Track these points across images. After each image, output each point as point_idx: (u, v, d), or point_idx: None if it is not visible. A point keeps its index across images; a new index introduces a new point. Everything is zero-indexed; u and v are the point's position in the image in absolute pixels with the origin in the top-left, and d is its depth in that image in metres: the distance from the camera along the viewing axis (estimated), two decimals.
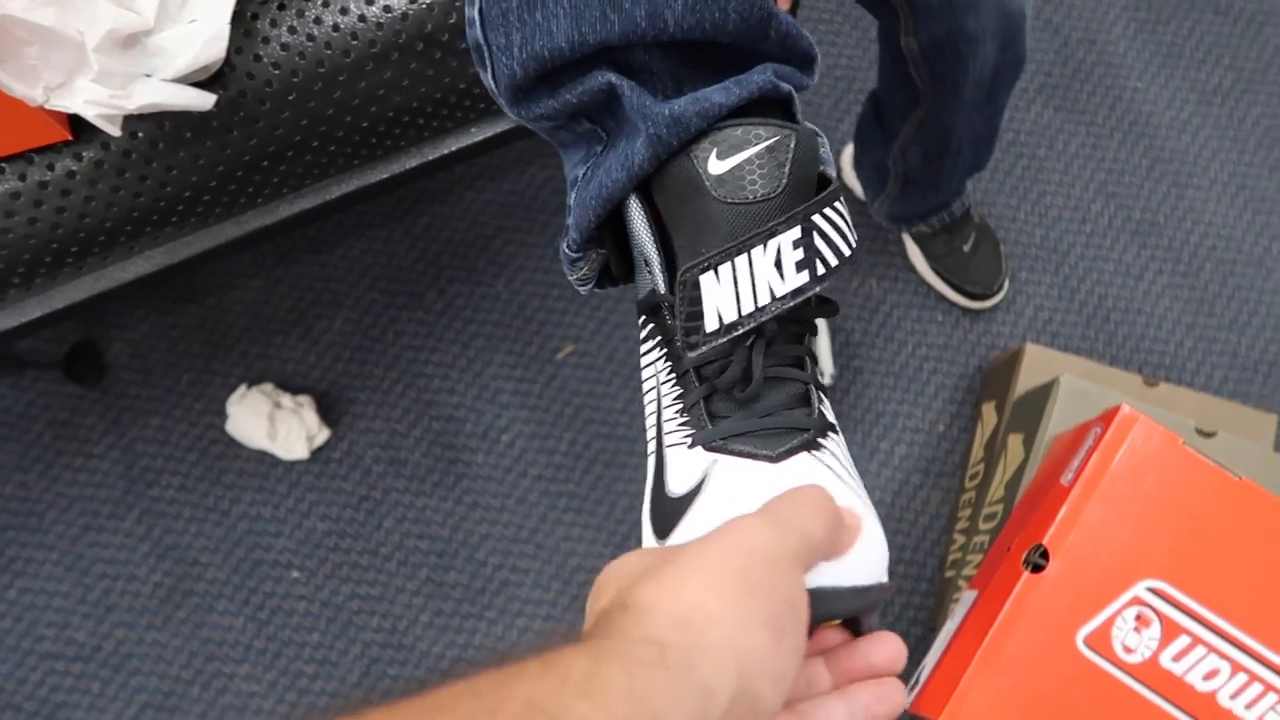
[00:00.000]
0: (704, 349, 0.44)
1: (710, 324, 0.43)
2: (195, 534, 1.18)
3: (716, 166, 0.44)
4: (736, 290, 0.43)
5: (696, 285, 0.43)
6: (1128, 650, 0.78)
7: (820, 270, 0.44)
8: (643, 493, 0.48)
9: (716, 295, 0.43)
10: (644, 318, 0.49)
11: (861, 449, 1.20)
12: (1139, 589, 0.79)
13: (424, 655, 1.14)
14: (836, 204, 0.45)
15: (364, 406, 1.22)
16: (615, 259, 0.51)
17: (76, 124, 0.74)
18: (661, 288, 0.47)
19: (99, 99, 0.69)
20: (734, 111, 0.44)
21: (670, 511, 0.45)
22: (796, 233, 0.43)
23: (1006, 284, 1.24)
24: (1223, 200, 1.29)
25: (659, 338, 0.48)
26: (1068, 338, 1.24)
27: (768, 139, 0.44)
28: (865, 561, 0.41)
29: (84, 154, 0.75)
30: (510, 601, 1.16)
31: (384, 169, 0.86)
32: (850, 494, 0.43)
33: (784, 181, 0.44)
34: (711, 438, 0.44)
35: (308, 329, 1.24)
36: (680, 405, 0.46)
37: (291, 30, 0.76)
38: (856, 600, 0.40)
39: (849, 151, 1.26)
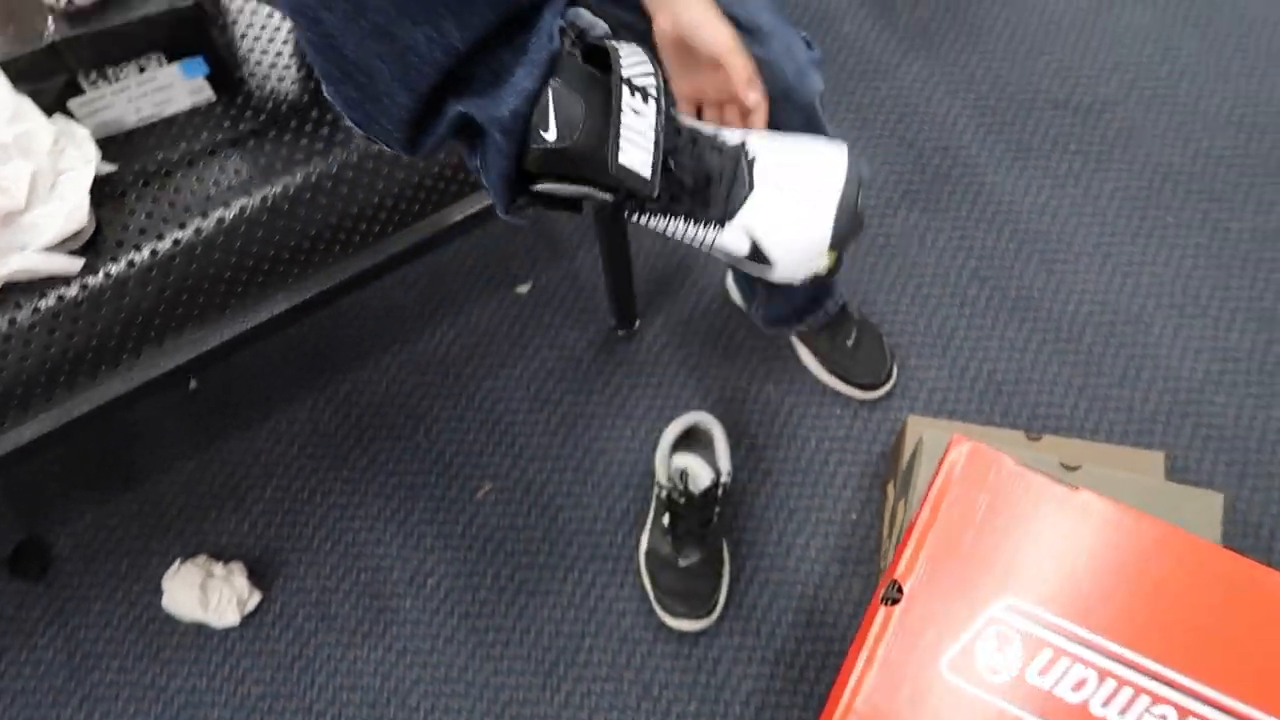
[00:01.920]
0: (673, 162, 0.65)
1: (644, 166, 0.63)
2: (134, 713, 1.19)
3: (551, 134, 0.61)
4: (643, 138, 0.63)
5: (618, 160, 0.62)
6: (993, 671, 0.77)
7: (654, 91, 0.63)
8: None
9: (636, 151, 0.63)
10: (626, 213, 0.69)
11: (778, 546, 1.22)
12: (995, 609, 0.79)
13: None
14: (618, 54, 0.63)
15: (295, 567, 1.26)
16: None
17: None
18: (608, 196, 0.65)
19: None
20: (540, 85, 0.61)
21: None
22: (625, 93, 0.62)
23: (895, 372, 1.29)
24: (1091, 269, 1.36)
25: (638, 215, 0.69)
26: (964, 414, 1.27)
27: (553, 98, 0.61)
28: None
29: None
30: None
31: (254, 316, 0.95)
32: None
33: (583, 99, 0.62)
34: (721, 216, 0.67)
35: (240, 500, 1.30)
36: (691, 219, 0.68)
37: (154, 199, 0.88)
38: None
39: (730, 272, 1.35)
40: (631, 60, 0.64)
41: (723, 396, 1.31)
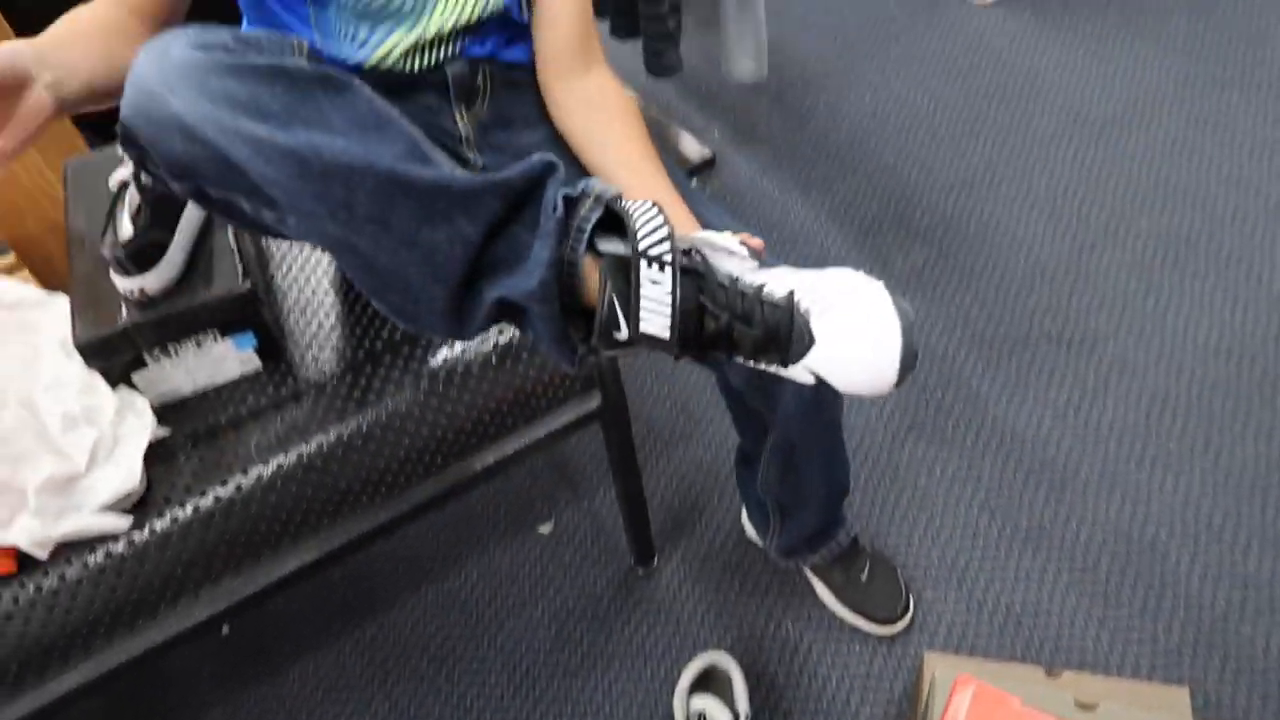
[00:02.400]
0: (735, 330, 0.75)
1: (664, 330, 0.72)
2: None
3: (624, 333, 0.72)
4: (662, 305, 0.73)
5: (640, 329, 0.72)
6: None
7: (668, 256, 0.72)
8: None
9: (656, 318, 0.73)
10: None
11: None
12: None
13: None
14: (635, 223, 0.72)
15: None
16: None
17: (23, 557, 0.91)
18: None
19: (33, 530, 0.86)
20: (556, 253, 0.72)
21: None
22: (644, 266, 0.71)
23: (911, 605, 1.29)
24: (1100, 498, 1.38)
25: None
26: (984, 649, 1.26)
27: (617, 301, 0.71)
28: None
29: (27, 583, 0.91)
30: None
31: (286, 565, 1.01)
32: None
33: (633, 301, 0.72)
34: (784, 361, 0.74)
35: None
36: (752, 361, 0.76)
37: (201, 460, 0.96)
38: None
39: (744, 508, 1.39)
40: (646, 227, 0.72)
41: (741, 634, 1.32)
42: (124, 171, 0.96)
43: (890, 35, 2.18)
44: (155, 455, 0.96)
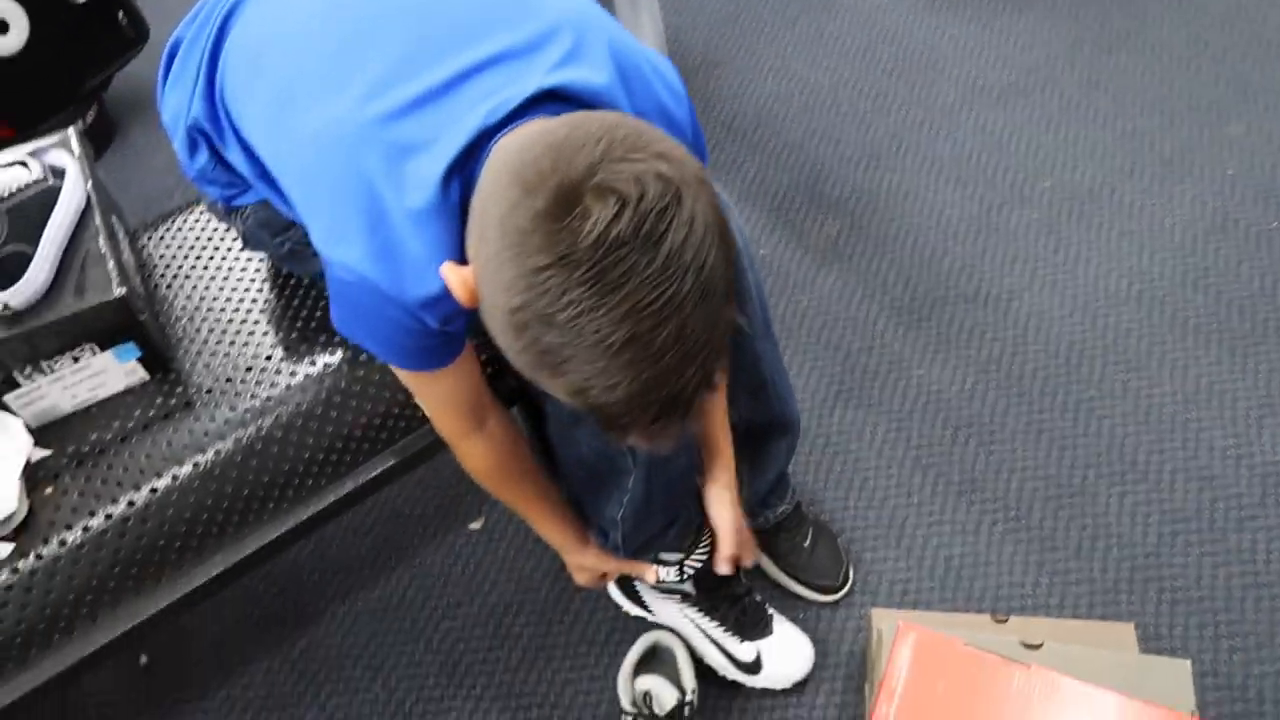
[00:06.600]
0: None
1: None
2: None
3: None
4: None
5: None
6: None
7: None
8: None
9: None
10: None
11: None
12: None
13: None
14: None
15: None
16: None
17: None
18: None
19: None
20: None
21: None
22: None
23: (851, 574, 1.28)
24: (1028, 447, 1.39)
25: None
26: (927, 603, 1.26)
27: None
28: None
29: None
30: None
31: (190, 581, 0.95)
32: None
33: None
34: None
35: None
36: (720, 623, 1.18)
37: (87, 479, 0.90)
38: None
39: None
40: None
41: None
42: None
43: (787, 20, 2.19)
44: (36, 478, 0.90)
